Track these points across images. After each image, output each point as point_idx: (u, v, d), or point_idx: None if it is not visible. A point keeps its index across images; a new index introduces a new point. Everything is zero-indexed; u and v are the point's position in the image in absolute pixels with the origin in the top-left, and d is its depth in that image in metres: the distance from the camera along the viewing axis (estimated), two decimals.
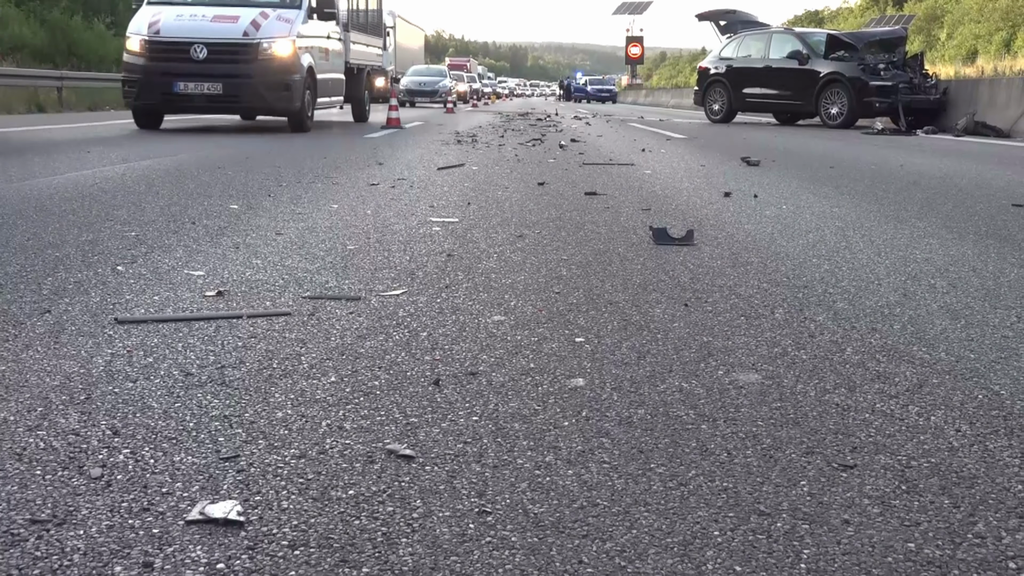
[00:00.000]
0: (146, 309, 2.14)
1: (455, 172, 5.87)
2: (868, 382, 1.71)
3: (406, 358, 1.80)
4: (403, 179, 5.32)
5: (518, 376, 1.70)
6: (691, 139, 10.83)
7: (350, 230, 3.39)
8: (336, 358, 1.79)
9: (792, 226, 3.72)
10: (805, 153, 8.48)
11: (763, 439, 1.42)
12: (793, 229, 3.64)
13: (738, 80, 15.74)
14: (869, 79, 13.58)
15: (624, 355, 1.85)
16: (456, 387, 1.63)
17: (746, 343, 1.95)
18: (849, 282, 2.61)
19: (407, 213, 3.90)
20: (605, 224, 3.69)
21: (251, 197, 4.30)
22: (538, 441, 1.40)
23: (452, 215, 3.86)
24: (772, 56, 15.21)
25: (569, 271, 2.70)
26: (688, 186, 5.27)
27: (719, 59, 16.41)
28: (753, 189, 5.10)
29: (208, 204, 4.02)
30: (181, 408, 1.51)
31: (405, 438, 1.40)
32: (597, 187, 5.06)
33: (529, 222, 3.70)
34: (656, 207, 4.26)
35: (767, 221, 3.85)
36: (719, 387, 1.66)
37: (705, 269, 2.77)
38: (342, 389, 1.61)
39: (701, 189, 5.11)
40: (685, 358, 1.84)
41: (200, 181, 4.94)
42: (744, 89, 15.63)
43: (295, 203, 4.12)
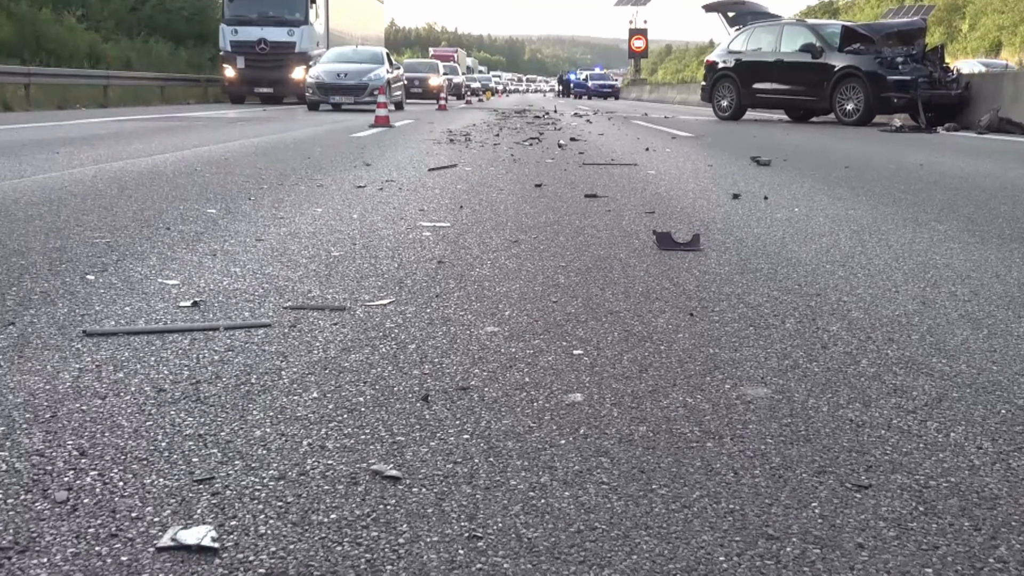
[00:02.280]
0: (117, 321, 2.14)
1: (447, 173, 5.88)
2: (884, 396, 1.72)
3: (393, 372, 1.80)
4: (392, 181, 5.33)
5: (512, 391, 1.70)
6: (698, 137, 10.86)
7: (335, 236, 3.39)
8: (318, 373, 1.79)
9: (804, 230, 3.73)
10: (819, 152, 8.50)
11: (772, 457, 1.42)
12: (806, 233, 3.64)
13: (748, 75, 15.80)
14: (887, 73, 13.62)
15: (625, 368, 1.85)
16: (446, 403, 1.63)
17: (755, 355, 1.95)
18: (865, 290, 2.62)
19: (396, 217, 3.90)
20: (606, 228, 3.69)
21: (230, 201, 4.30)
22: (533, 461, 1.40)
23: (443, 219, 3.87)
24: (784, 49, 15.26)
25: (567, 279, 2.71)
26: (694, 187, 5.29)
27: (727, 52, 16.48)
28: (763, 191, 5.11)
29: (184, 208, 4.02)
30: (153, 426, 1.50)
31: (391, 458, 1.40)
32: (598, 189, 5.07)
33: (525, 226, 3.71)
34: (660, 210, 4.27)
35: (778, 225, 3.86)
36: (726, 402, 1.66)
37: (712, 276, 2.78)
38: (325, 406, 1.61)
39: (708, 191, 5.13)
40: (690, 371, 1.84)
41: (175, 184, 4.95)
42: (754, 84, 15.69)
43: (276, 207, 4.13)
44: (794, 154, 8.11)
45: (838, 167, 6.76)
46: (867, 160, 7.50)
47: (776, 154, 7.84)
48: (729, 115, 16.33)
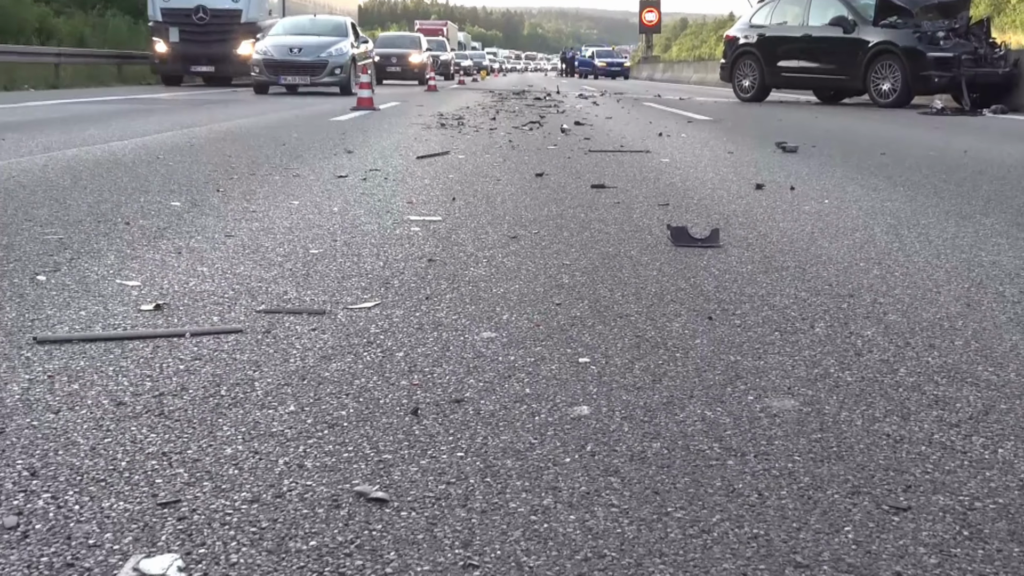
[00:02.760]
0: (71, 327, 2.14)
1: (438, 161, 5.89)
2: (925, 408, 1.72)
3: (379, 383, 1.80)
4: (376, 170, 5.34)
5: (511, 404, 1.71)
6: (717, 121, 10.88)
7: (313, 231, 3.40)
8: (296, 383, 1.79)
9: (835, 224, 3.74)
10: (851, 137, 8.52)
11: (800, 477, 1.43)
12: (837, 227, 3.65)
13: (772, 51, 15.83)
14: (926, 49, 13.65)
15: (636, 378, 1.86)
16: (438, 417, 1.64)
17: (781, 363, 1.96)
18: (903, 290, 2.62)
19: (381, 211, 3.91)
20: (615, 222, 3.70)
21: (196, 192, 4.31)
22: (534, 481, 1.40)
23: (434, 213, 3.87)
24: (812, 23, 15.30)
25: (572, 278, 2.71)
26: (713, 177, 5.30)
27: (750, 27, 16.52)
28: (789, 180, 5.12)
29: (145, 201, 4.02)
30: (112, 444, 1.51)
31: (377, 478, 1.40)
32: (605, 178, 5.08)
33: (525, 220, 3.71)
34: (675, 202, 4.28)
35: (806, 218, 3.86)
36: (749, 415, 1.67)
37: (733, 275, 2.78)
38: (303, 420, 1.61)
39: (728, 180, 5.14)
40: (709, 381, 1.84)
41: (136, 174, 4.95)
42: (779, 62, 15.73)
43: (248, 199, 4.13)
44: (823, 139, 8.12)
45: (873, 154, 6.78)
46: (905, 146, 7.52)
47: (804, 140, 7.86)
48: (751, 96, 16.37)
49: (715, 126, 10.00)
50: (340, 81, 16.59)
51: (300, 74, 16.28)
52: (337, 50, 16.57)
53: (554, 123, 9.85)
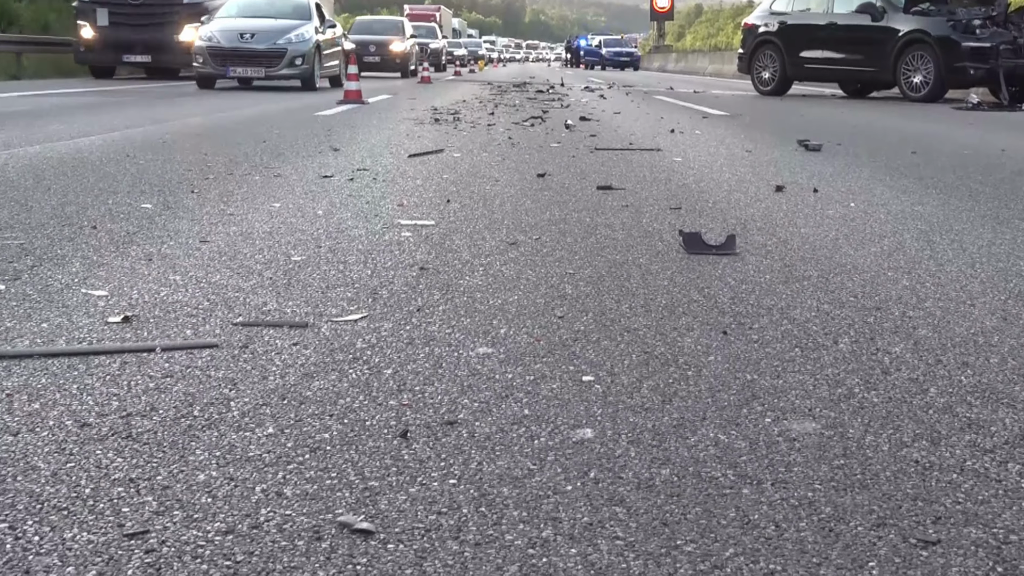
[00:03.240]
0: (32, 340, 2.15)
1: (431, 160, 5.90)
2: (957, 433, 1.72)
3: (365, 403, 1.81)
4: (364, 170, 5.35)
5: (508, 426, 1.71)
6: (734, 116, 10.89)
7: (295, 236, 3.41)
8: (275, 403, 1.80)
9: (862, 229, 3.74)
10: (879, 134, 8.53)
11: (821, 507, 1.43)
12: (863, 233, 3.66)
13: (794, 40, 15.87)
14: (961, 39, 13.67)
15: (645, 398, 1.86)
16: (429, 440, 1.64)
17: (801, 382, 1.96)
18: (934, 302, 2.63)
19: (369, 214, 3.92)
20: (622, 227, 3.71)
21: (169, 193, 4.32)
22: (533, 511, 1.40)
23: (427, 216, 3.88)
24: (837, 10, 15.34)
25: (575, 289, 2.72)
26: (729, 178, 5.31)
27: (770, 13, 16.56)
28: (812, 181, 5.13)
29: (114, 203, 4.03)
30: (75, 469, 1.51)
31: (362, 507, 1.40)
32: (613, 179, 5.09)
33: (525, 225, 3.72)
34: (688, 205, 4.29)
35: (830, 223, 3.87)
36: (766, 439, 1.67)
37: (750, 286, 2.79)
38: (282, 444, 1.61)
39: (746, 182, 5.14)
40: (723, 402, 1.85)
41: (104, 173, 4.96)
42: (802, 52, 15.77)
43: (225, 201, 4.14)
44: (849, 137, 8.13)
45: (903, 153, 6.79)
46: (938, 144, 7.53)
47: (828, 137, 7.87)
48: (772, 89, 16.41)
49: (732, 122, 10.02)
50: (302, 74, 14.89)
51: (252, 65, 14.58)
52: (298, 36, 14.82)
53: (557, 119, 9.87)
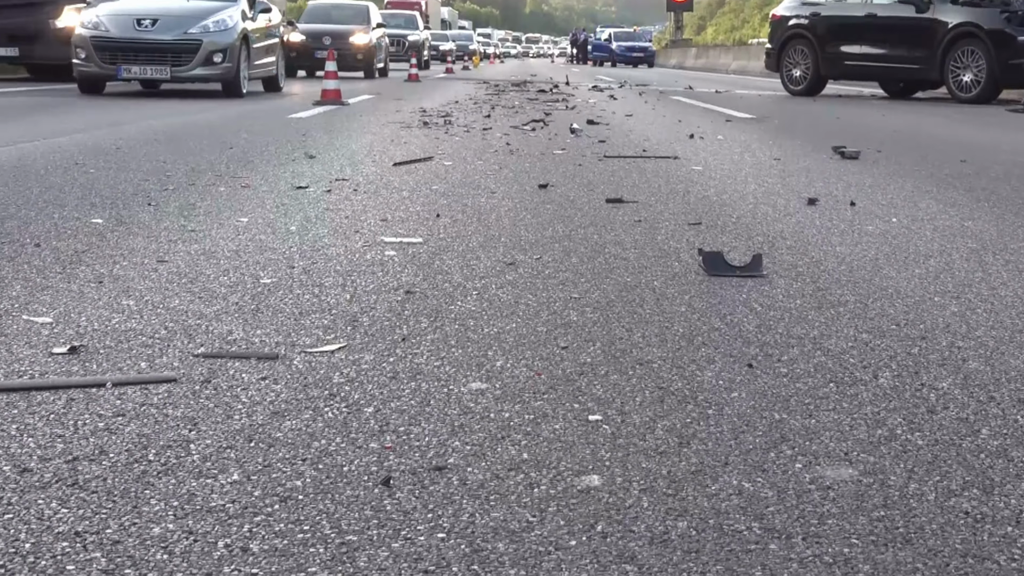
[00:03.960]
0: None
1: (419, 169, 5.92)
2: (1012, 480, 1.72)
3: (343, 446, 1.81)
4: (343, 180, 5.36)
5: (505, 472, 1.71)
6: (761, 120, 10.93)
7: (265, 256, 3.41)
8: (241, 446, 1.79)
9: (905, 248, 3.75)
10: (925, 140, 8.55)
11: (859, 564, 1.43)
12: (906, 252, 3.67)
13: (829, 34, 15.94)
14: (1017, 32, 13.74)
15: (659, 440, 1.86)
16: (414, 489, 1.64)
17: (836, 422, 1.96)
18: (986, 331, 2.63)
19: (348, 230, 3.92)
20: (635, 245, 3.72)
21: (122, 207, 4.32)
22: (532, 568, 1.40)
23: (414, 233, 3.89)
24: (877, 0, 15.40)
25: (581, 316, 2.72)
26: (756, 189, 5.32)
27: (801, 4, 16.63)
28: (849, 193, 5.15)
29: (60, 218, 4.04)
30: (14, 520, 1.51)
31: (339, 565, 1.40)
32: (624, 191, 5.10)
33: (525, 243, 3.73)
34: (709, 221, 4.30)
35: (869, 241, 3.88)
36: (796, 487, 1.67)
37: (779, 312, 2.79)
38: (248, 492, 1.61)
39: (774, 194, 5.16)
40: (747, 444, 1.85)
41: (48, 183, 4.97)
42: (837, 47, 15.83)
43: (186, 216, 4.15)
44: (891, 143, 8.16)
45: (951, 161, 6.81)
46: (990, 151, 7.55)
47: (867, 143, 7.90)
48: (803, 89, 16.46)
49: (759, 126, 10.05)
50: (223, 74, 12.65)
51: (154, 62, 12.28)
52: (218, 23, 12.54)
53: (562, 122, 9.90)
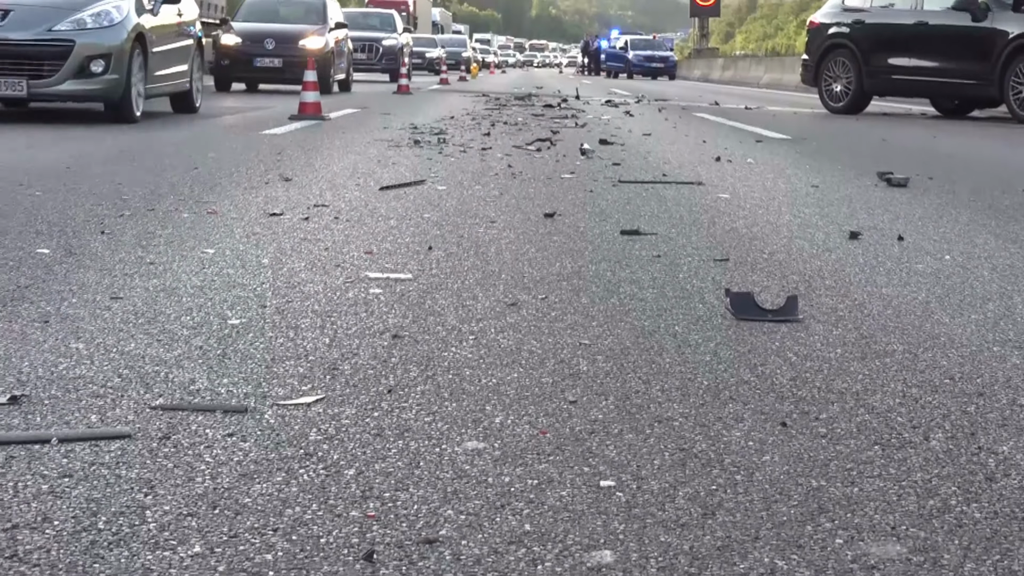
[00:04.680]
0: None
1: (409, 194, 5.93)
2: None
3: (320, 514, 1.80)
4: (323, 206, 5.37)
5: (504, 546, 1.70)
6: (796, 141, 10.96)
7: (233, 293, 3.41)
8: (204, 513, 1.79)
9: (960, 290, 3.75)
10: (982, 166, 8.57)
11: None
12: (961, 295, 3.67)
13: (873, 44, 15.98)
14: None
15: (680, 510, 1.85)
16: (401, 564, 1.63)
17: (882, 491, 1.96)
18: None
19: (328, 264, 3.93)
20: (653, 284, 3.72)
21: (72, 235, 4.33)
22: None
23: (402, 268, 3.89)
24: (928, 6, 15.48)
25: (592, 365, 2.72)
26: (790, 221, 5.33)
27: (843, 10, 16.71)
28: (896, 226, 5.15)
29: (0, 247, 4.04)
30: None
31: None
32: (641, 222, 5.11)
33: (529, 280, 3.73)
34: (738, 256, 4.30)
35: (919, 281, 3.88)
36: (837, 566, 1.66)
37: (816, 363, 2.79)
38: (212, 567, 1.61)
39: (812, 226, 5.16)
40: (781, 516, 1.84)
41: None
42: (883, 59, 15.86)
43: (144, 246, 4.15)
44: (944, 169, 8.18)
45: (1012, 190, 6.82)
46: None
47: (917, 168, 7.91)
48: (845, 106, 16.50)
49: (794, 148, 10.07)
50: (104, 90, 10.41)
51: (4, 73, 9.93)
52: (98, 17, 10.49)
53: (571, 141, 9.92)
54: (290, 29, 19.75)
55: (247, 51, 19.09)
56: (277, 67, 19.29)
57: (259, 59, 19.16)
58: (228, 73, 19.36)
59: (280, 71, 19.30)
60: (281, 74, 19.37)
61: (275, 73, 19.44)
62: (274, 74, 19.50)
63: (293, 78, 18.07)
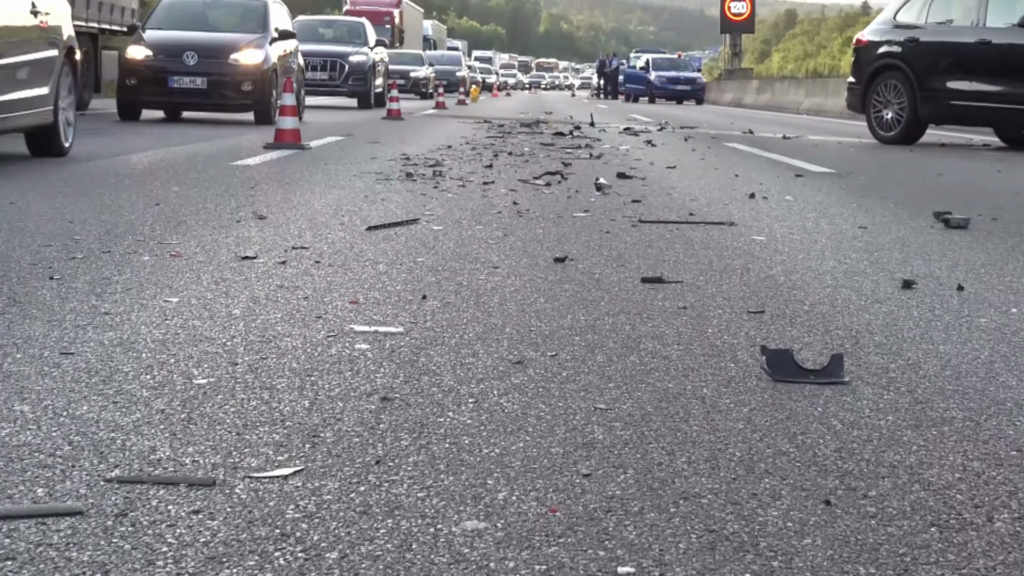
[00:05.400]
0: None
1: (400, 235, 5.93)
2: None
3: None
4: (302, 248, 5.38)
5: None
6: (841, 175, 10.97)
7: (199, 348, 3.42)
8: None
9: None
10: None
11: None
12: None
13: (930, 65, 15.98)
14: None
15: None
16: None
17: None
18: None
19: (308, 315, 3.93)
20: (678, 340, 3.72)
21: (16, 281, 4.34)
22: None
23: (393, 320, 3.90)
24: (991, 23, 15.49)
25: (609, 434, 2.72)
26: (835, 267, 5.33)
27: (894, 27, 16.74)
28: (955, 275, 5.15)
29: None
30: None
31: None
32: (664, 268, 5.12)
33: (537, 335, 3.73)
34: (775, 308, 4.31)
35: (981, 338, 3.88)
36: None
37: (864, 431, 2.79)
38: None
39: (859, 273, 5.17)
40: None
41: None
42: (942, 82, 15.84)
43: (99, 293, 4.16)
44: (1010, 208, 8.18)
45: None
46: None
47: (979, 208, 7.92)
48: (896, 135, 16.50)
49: (839, 183, 10.08)
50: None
51: None
52: None
53: (585, 175, 9.94)
54: (219, 39, 17.48)
55: (161, 67, 16.61)
56: (199, 89, 16.81)
57: (176, 78, 16.65)
58: (135, 96, 16.96)
59: (204, 94, 16.93)
60: (206, 98, 17.03)
61: (197, 97, 17.02)
62: (196, 98, 17.05)
63: (222, 103, 17.04)
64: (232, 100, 16.97)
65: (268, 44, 17.46)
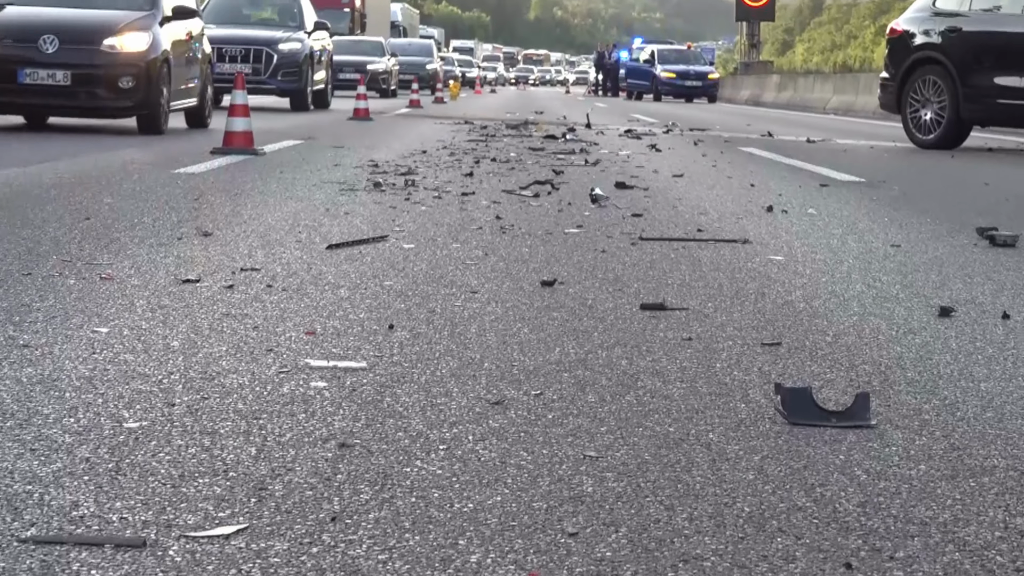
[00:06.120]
0: None
1: (366, 255, 5.93)
2: None
3: None
4: (253, 270, 5.38)
5: None
6: (872, 185, 10.99)
7: (132, 386, 3.41)
8: None
9: None
10: None
11: None
12: None
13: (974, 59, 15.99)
14: None
15: None
16: None
17: None
18: None
19: (257, 348, 3.93)
20: (681, 377, 3.72)
21: None
22: None
23: (354, 354, 3.89)
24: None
25: (600, 486, 2.72)
26: (863, 292, 5.34)
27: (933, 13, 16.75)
28: (1001, 300, 5.16)
29: None
30: None
31: None
32: (668, 293, 5.12)
33: (519, 371, 3.74)
34: (793, 339, 4.31)
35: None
36: None
37: (892, 483, 2.79)
38: None
39: (890, 299, 5.17)
40: None
41: None
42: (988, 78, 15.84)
43: (17, 323, 4.15)
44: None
45: None
46: None
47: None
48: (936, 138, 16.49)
49: (869, 194, 10.09)
50: None
51: None
52: None
53: (579, 184, 9.94)
54: (88, 18, 14.96)
55: (7, 56, 14.29)
56: (61, 86, 14.33)
57: (28, 71, 14.20)
58: None
59: (67, 93, 14.48)
60: (70, 98, 14.60)
61: (58, 97, 14.57)
62: (56, 98, 14.62)
63: (92, 106, 14.79)
64: (105, 102, 14.65)
65: (157, 25, 15.02)
